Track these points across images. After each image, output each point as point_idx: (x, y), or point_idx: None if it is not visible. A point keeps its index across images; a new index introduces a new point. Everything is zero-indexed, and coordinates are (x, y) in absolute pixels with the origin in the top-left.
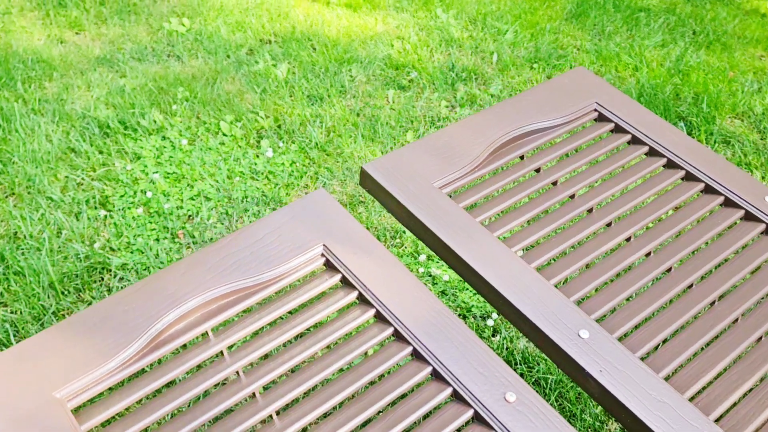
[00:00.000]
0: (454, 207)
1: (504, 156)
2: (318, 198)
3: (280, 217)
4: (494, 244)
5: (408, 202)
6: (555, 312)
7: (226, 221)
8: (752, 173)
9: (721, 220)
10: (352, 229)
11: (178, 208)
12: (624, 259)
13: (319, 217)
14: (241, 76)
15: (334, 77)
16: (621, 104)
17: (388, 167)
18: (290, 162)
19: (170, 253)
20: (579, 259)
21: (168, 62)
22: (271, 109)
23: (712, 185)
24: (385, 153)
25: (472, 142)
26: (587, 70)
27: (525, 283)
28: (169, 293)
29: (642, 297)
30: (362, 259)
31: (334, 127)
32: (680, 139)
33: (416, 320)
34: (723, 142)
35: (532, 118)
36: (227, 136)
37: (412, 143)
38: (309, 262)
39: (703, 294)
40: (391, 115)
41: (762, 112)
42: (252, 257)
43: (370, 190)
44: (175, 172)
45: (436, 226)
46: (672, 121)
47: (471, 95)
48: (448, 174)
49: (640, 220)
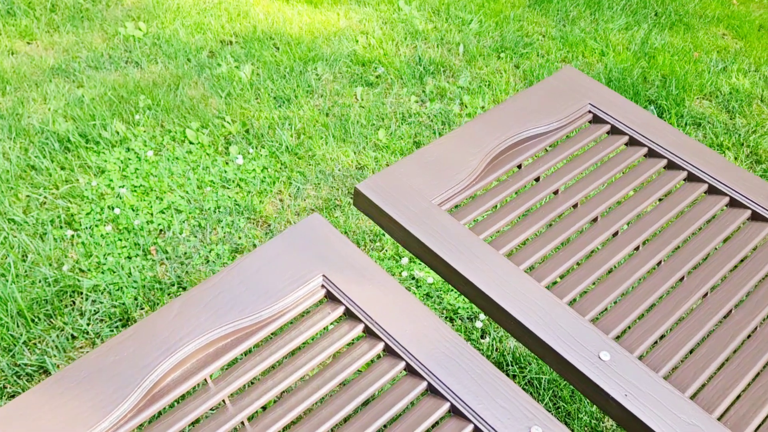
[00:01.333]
0: (456, 225)
1: (501, 166)
2: (312, 224)
3: (274, 248)
4: (501, 264)
5: (408, 223)
6: (572, 333)
7: (199, 234)
8: (724, 154)
9: (728, 222)
10: (351, 255)
11: (148, 222)
12: (635, 271)
13: (315, 245)
14: (204, 80)
15: (299, 77)
16: (614, 104)
17: (382, 185)
18: (261, 168)
19: (143, 271)
20: (589, 273)
21: (126, 69)
22: (238, 113)
23: (715, 185)
24: (357, 153)
25: (467, 153)
26: (574, 69)
27: (538, 304)
28: (162, 339)
29: (657, 310)
30: (365, 288)
31: (303, 129)
32: (679, 138)
33: (429, 352)
34: (694, 124)
35: (525, 124)
36: (194, 144)
37: (405, 158)
38: (309, 295)
39: (719, 303)
40: (361, 113)
41: (729, 91)
42: (248, 293)
43: (365, 211)
44: (142, 185)
45: (440, 248)
46: (642, 105)
47: (440, 88)
48: (446, 189)
49: (647, 227)
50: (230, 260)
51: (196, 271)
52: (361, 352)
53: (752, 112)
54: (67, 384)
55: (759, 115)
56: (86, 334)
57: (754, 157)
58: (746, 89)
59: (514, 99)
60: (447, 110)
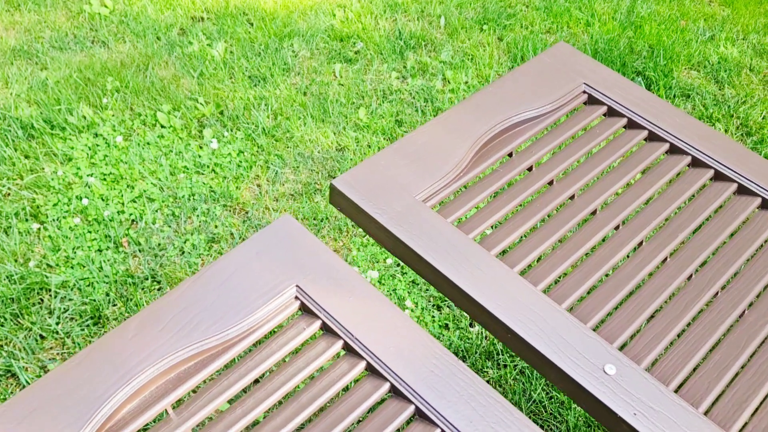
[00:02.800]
0: (442, 224)
1: (491, 155)
2: (283, 227)
3: (242, 255)
4: (493, 266)
5: (390, 222)
6: (574, 345)
7: (173, 223)
8: (714, 126)
9: (737, 212)
10: (327, 262)
11: (119, 213)
12: (639, 270)
13: (288, 251)
14: (174, 60)
15: (275, 54)
16: (612, 83)
17: (361, 181)
18: (237, 152)
19: (115, 265)
20: (589, 274)
21: (93, 49)
22: (211, 94)
23: (721, 171)
24: (337, 134)
25: (453, 142)
26: (568, 46)
27: (535, 312)
28: (118, 364)
29: (664, 314)
30: (343, 300)
31: (280, 109)
32: (682, 119)
33: (416, 372)
34: (682, 95)
35: (515, 107)
36: (166, 128)
37: (385, 149)
38: (282, 308)
39: (731, 303)
40: (340, 91)
41: (717, 61)
42: (214, 308)
43: (341, 209)
44: (112, 172)
45: (425, 251)
46: (630, 77)
47: (422, 63)
48: (431, 183)
49: (650, 220)
50: (206, 251)
51: (171, 263)
52: (340, 373)
53: (741, 81)
54: (12, 418)
55: (748, 85)
56: (56, 334)
57: (744, 128)
58: (735, 58)
59: (503, 80)
60: (429, 86)
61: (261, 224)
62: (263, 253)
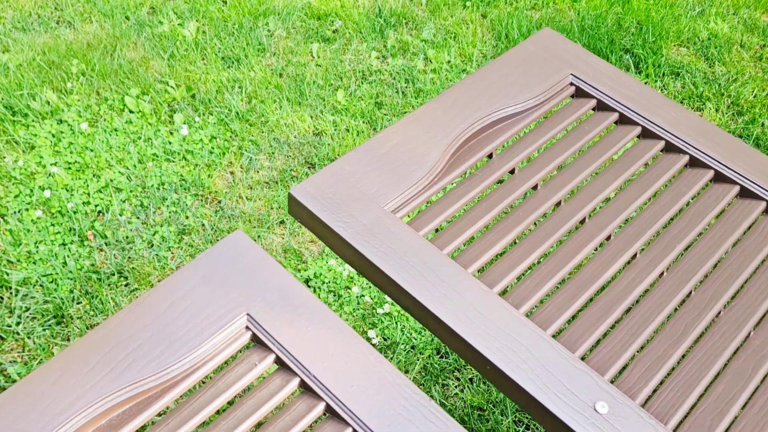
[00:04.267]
0: (414, 238)
1: (468, 157)
2: (234, 245)
3: (185, 280)
4: (471, 287)
5: (355, 238)
6: (560, 378)
7: (142, 215)
8: (704, 105)
9: (740, 218)
10: (282, 286)
11: (84, 204)
12: (633, 288)
13: (238, 274)
14: (144, 41)
15: (249, 34)
16: (601, 74)
17: (323, 189)
18: (209, 138)
19: (80, 260)
20: (576, 294)
21: (58, 30)
22: (182, 76)
23: (722, 172)
24: (314, 118)
25: (427, 143)
26: (554, 32)
27: (517, 341)
28: (41, 412)
29: (661, 338)
30: (300, 330)
31: (255, 92)
32: (678, 114)
33: (383, 415)
34: (672, 74)
35: (495, 103)
36: (134, 114)
37: (351, 153)
38: (231, 341)
39: (736, 324)
40: (318, 72)
41: (707, 37)
42: (151, 344)
43: (303, 222)
44: (77, 161)
45: (395, 270)
46: (617, 55)
47: (403, 42)
48: (401, 191)
49: (645, 228)
50: (176, 244)
51: (139, 257)
52: (297, 415)
53: (732, 59)
54: None
55: (739, 62)
56: (16, 335)
57: (736, 107)
58: (725, 34)
59: (482, 72)
60: (410, 66)
61: (234, 214)
62: (210, 276)
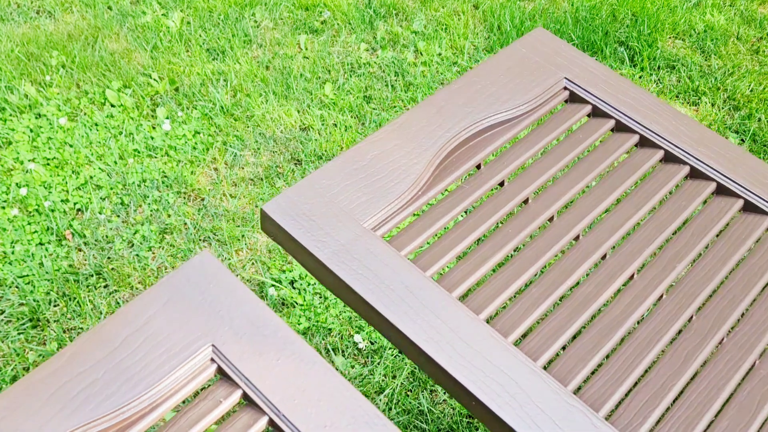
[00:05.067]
0: (395, 259)
1: (455, 168)
2: (200, 268)
3: (146, 306)
4: (456, 313)
5: (332, 259)
6: (551, 416)
7: (122, 213)
8: (700, 100)
9: (744, 235)
10: (251, 313)
11: (63, 201)
12: (630, 314)
13: (203, 300)
14: (126, 32)
15: (235, 24)
16: (596, 78)
17: (298, 205)
18: (193, 133)
19: (57, 260)
20: (569, 320)
21: (37, 20)
22: (166, 69)
23: (725, 185)
24: (301, 112)
25: (410, 153)
26: (547, 33)
27: (506, 373)
28: None
29: (661, 368)
30: (269, 363)
31: (240, 85)
32: (678, 121)
33: None
34: (667, 67)
35: (484, 109)
36: (116, 107)
37: (328, 165)
38: (194, 374)
39: (741, 351)
40: (305, 64)
41: (703, 29)
42: (109, 378)
43: (276, 240)
44: (55, 157)
45: (374, 295)
46: (612, 47)
47: (393, 34)
48: (382, 206)
49: (643, 246)
50: (158, 243)
51: (119, 258)
52: None
53: (728, 51)
54: None
55: (735, 55)
56: None
57: (732, 102)
58: (721, 26)
59: (469, 76)
60: (400, 59)
61: (218, 213)
62: (173, 303)
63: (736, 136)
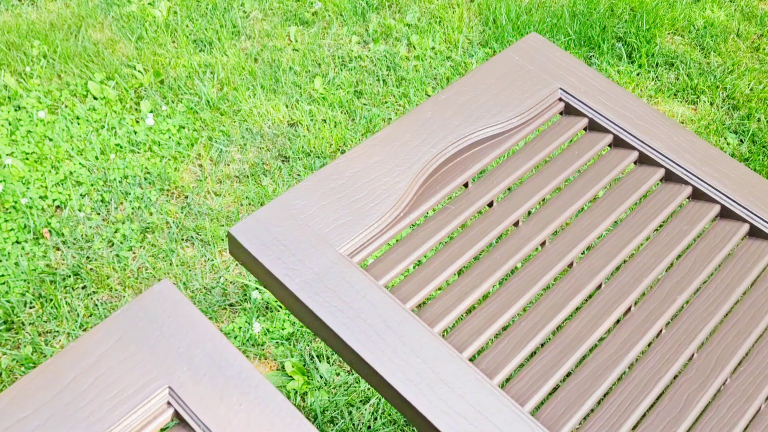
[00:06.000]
0: (373, 289)
1: (440, 187)
2: (158, 299)
3: (97, 343)
4: (437, 351)
5: (304, 290)
6: None
7: (102, 211)
8: (699, 98)
9: (749, 263)
10: (213, 351)
11: (41, 198)
12: (627, 351)
13: (161, 337)
14: (111, 21)
15: (223, 15)
16: (594, 89)
17: (269, 228)
18: (177, 127)
19: (34, 260)
20: (560, 359)
21: (19, 8)
22: (151, 60)
23: (731, 209)
24: (290, 107)
25: (393, 171)
26: (542, 38)
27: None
28: None
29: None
30: (232, 409)
31: (227, 78)
32: (680, 137)
33: None
34: (666, 64)
35: (473, 122)
36: (98, 100)
37: (303, 183)
38: (148, 420)
39: (745, 395)
40: (295, 57)
41: (703, 25)
42: (54, 424)
43: (245, 266)
44: (34, 151)
45: (348, 331)
46: (610, 43)
47: (385, 27)
48: (360, 230)
49: (642, 275)
50: (138, 243)
51: (98, 257)
52: None
53: (728, 49)
54: None
55: (735, 52)
56: None
57: (731, 101)
58: (721, 22)
59: (458, 86)
60: (393, 53)
61: (202, 211)
62: (127, 339)
63: (734, 137)
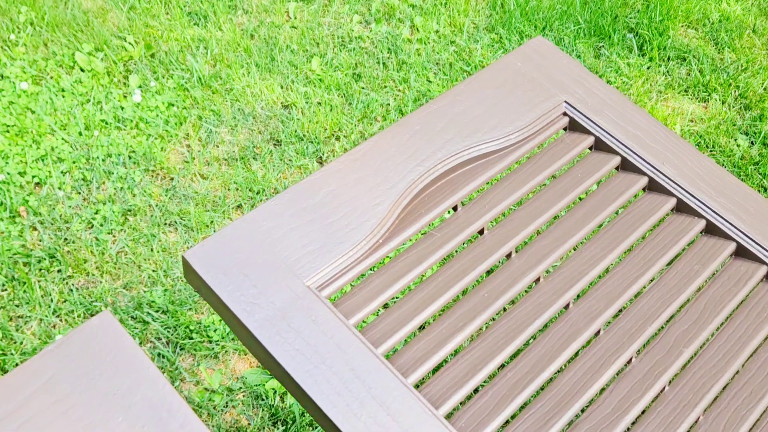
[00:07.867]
0: (340, 331)
1: (426, 210)
2: (96, 335)
3: (20, 386)
4: (410, 405)
5: (263, 328)
6: None
7: (83, 190)
8: (710, 96)
9: (763, 302)
10: (155, 398)
11: (19, 174)
12: (629, 410)
13: (96, 380)
14: None
15: None
16: (603, 103)
17: (230, 253)
18: (166, 105)
19: (9, 239)
20: (550, 418)
21: None
22: (142, 32)
23: (746, 247)
24: (284, 87)
25: (374, 190)
26: (548, 43)
27: None
28: None
29: None
30: None
31: (221, 54)
32: (694, 162)
33: None
34: (678, 58)
35: (466, 138)
36: (85, 72)
37: (272, 201)
38: None
39: None
40: (293, 35)
41: (718, 19)
42: None
43: (201, 294)
44: (15, 124)
45: (310, 379)
46: (621, 34)
47: (389, 6)
48: (332, 259)
49: (645, 323)
50: (119, 226)
51: (76, 239)
52: None
53: (743, 45)
54: None
55: (750, 49)
56: None
57: (743, 100)
58: (737, 17)
59: (452, 95)
60: (395, 34)
61: (187, 195)
62: (55, 383)
63: (745, 138)
